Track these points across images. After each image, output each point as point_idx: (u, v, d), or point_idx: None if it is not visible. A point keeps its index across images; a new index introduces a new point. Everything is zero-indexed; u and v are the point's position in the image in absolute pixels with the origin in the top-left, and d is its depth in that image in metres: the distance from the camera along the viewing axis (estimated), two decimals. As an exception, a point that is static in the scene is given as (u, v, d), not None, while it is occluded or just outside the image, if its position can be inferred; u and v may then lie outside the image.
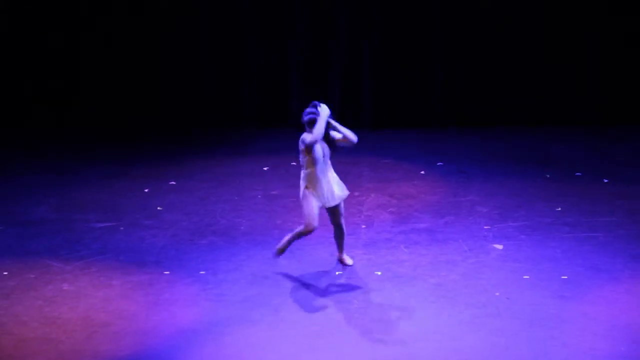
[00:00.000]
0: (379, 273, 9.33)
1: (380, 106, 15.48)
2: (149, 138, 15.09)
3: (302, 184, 9.02)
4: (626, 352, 7.57)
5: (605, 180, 12.21)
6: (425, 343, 7.84)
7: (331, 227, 9.36)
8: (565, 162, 13.12)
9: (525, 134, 14.77)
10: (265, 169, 13.10)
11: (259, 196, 11.85)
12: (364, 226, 10.66)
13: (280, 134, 15.07)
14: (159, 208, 11.50)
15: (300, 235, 9.12)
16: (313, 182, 8.94)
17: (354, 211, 11.14)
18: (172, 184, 12.42)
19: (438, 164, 13.23)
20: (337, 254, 9.54)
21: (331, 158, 9.07)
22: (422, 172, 12.83)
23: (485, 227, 10.55)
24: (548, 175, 12.50)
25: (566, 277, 9.08)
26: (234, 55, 15.72)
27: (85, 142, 14.84)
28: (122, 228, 10.77)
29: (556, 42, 15.15)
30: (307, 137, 8.84)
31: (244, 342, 7.98)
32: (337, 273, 9.33)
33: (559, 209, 11.08)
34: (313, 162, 8.90)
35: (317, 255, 9.81)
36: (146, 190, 12.21)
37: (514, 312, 8.38)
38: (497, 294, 8.76)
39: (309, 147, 8.83)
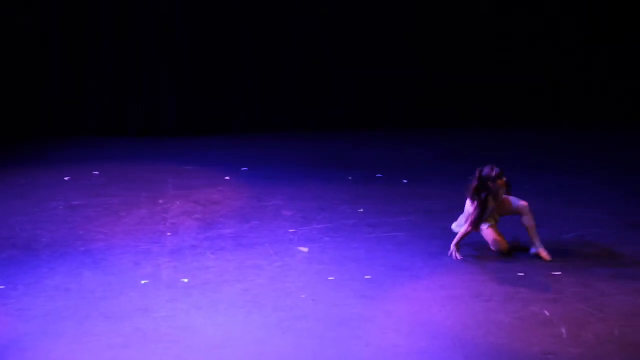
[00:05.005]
0: (186, 280, 9.29)
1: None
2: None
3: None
4: (426, 347, 7.81)
5: (405, 181, 12.57)
6: (232, 349, 7.85)
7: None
8: (367, 165, 13.42)
9: (327, 139, 15.03)
10: (66, 179, 12.81)
11: (61, 207, 11.58)
12: (169, 234, 10.59)
13: (81, 143, 14.79)
14: (-48, 223, 11.07)
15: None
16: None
17: (158, 219, 11.05)
18: (-32, 197, 11.99)
19: (242, 169, 13.28)
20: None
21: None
22: (227, 178, 12.85)
23: (290, 231, 10.67)
24: (350, 178, 12.75)
25: (369, 277, 9.29)
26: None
27: None
28: None
29: None
30: (469, 208, 9.70)
31: (45, 356, 7.78)
32: (142, 282, 9.22)
33: (362, 210, 11.33)
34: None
35: (120, 264, 9.68)
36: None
37: (319, 313, 8.50)
38: (303, 296, 8.87)
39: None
